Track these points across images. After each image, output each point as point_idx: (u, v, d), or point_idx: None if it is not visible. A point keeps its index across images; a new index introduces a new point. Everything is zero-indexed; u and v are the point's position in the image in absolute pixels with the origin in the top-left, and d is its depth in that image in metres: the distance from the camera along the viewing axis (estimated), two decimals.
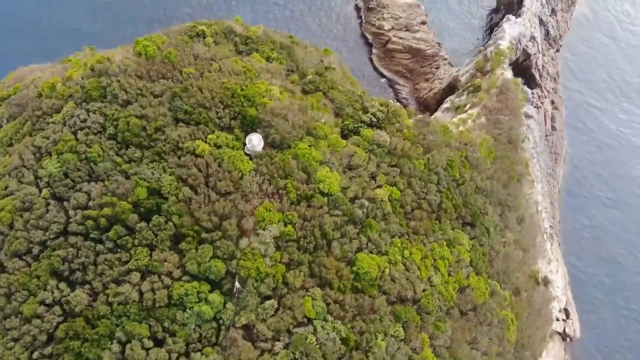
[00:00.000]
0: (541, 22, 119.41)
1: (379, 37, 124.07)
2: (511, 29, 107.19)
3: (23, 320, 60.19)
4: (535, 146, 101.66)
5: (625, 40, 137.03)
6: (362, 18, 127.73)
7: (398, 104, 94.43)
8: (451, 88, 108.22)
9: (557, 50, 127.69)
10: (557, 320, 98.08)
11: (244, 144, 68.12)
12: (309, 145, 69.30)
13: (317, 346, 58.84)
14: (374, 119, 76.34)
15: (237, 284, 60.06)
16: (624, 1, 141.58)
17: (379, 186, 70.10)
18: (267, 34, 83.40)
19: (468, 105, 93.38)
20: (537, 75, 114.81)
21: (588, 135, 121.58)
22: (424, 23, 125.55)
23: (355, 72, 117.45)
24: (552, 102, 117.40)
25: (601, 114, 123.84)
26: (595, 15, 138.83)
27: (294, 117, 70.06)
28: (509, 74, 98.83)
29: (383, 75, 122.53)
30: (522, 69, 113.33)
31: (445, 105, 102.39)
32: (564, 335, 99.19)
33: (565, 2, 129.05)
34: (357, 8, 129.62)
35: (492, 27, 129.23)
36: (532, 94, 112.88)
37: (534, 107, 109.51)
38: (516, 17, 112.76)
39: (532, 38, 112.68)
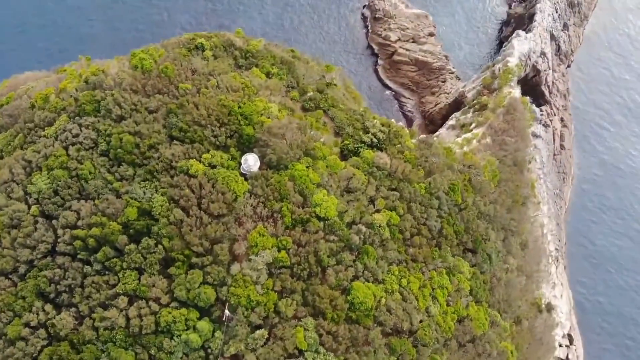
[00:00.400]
0: (552, 37, 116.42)
1: (385, 47, 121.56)
2: (521, 45, 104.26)
3: (7, 342, 58.77)
4: (542, 167, 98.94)
5: (637, 59, 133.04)
6: (369, 28, 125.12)
7: (400, 123, 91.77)
8: (457, 104, 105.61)
9: (568, 66, 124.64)
10: (560, 346, 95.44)
11: (240, 164, 66.23)
12: (307, 167, 67.23)
13: None
14: (374, 140, 74.15)
15: (227, 312, 58.25)
16: (637, 17, 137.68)
17: (378, 210, 67.87)
18: (267, 48, 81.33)
19: (473, 125, 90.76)
20: (546, 92, 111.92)
21: (597, 156, 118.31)
22: (431, 35, 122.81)
23: (360, 83, 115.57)
24: (562, 120, 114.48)
25: (610, 135, 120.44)
26: (607, 31, 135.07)
27: (292, 137, 68.08)
28: (516, 92, 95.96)
29: (388, 87, 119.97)
30: (531, 85, 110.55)
31: (451, 122, 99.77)
32: None
33: (578, 17, 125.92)
34: (364, 17, 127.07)
35: (501, 40, 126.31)
36: (541, 111, 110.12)
37: (543, 125, 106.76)
38: (526, 32, 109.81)
39: (543, 54, 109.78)
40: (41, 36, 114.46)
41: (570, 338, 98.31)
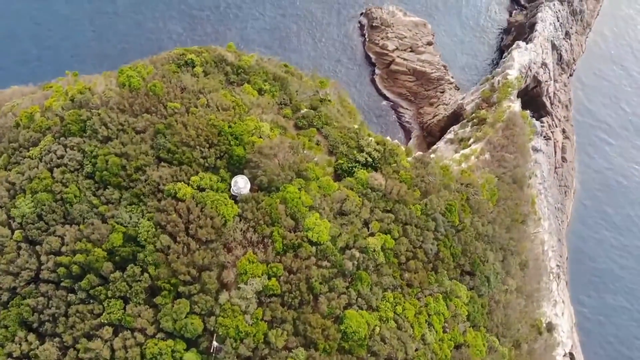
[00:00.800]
0: (554, 46, 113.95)
1: (382, 57, 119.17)
2: (521, 56, 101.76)
3: None
4: (543, 181, 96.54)
5: (638, 68, 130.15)
6: (366, 36, 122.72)
7: (396, 141, 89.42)
8: (456, 116, 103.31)
9: (570, 75, 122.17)
10: None
11: (230, 185, 64.19)
12: (299, 188, 65.10)
13: None
14: (369, 159, 71.97)
15: (215, 343, 56.29)
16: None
17: (372, 234, 65.79)
18: (260, 63, 79.05)
19: (472, 140, 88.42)
20: (548, 103, 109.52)
21: (598, 171, 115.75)
22: (430, 44, 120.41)
23: (356, 93, 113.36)
24: (563, 131, 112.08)
25: (611, 148, 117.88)
26: (609, 41, 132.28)
27: (283, 157, 66.01)
28: (516, 106, 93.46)
29: (386, 98, 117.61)
30: (532, 96, 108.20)
31: (449, 135, 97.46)
32: None
33: (580, 25, 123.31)
34: (361, 26, 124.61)
35: (502, 49, 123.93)
36: (542, 123, 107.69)
37: (544, 138, 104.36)
38: (527, 42, 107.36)
39: (544, 64, 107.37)
40: (30, 46, 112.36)
41: (571, 357, 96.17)
